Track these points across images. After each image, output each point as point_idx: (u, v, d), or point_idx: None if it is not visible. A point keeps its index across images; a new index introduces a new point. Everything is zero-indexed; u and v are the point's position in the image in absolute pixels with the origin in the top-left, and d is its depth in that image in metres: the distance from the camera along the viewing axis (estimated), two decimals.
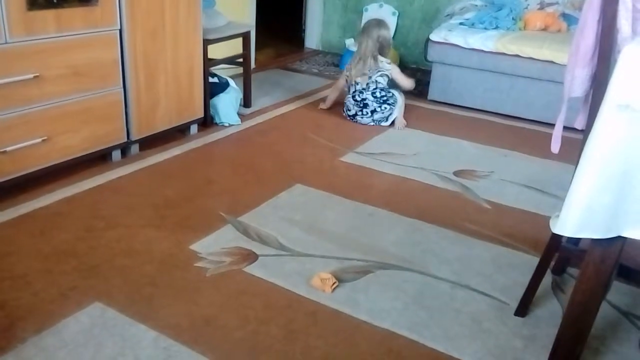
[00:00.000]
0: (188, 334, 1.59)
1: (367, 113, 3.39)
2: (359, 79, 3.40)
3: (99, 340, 1.54)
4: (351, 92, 3.44)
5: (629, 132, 1.13)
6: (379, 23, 3.49)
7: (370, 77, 3.39)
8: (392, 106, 3.38)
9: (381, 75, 3.41)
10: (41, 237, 2.02)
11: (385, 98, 3.37)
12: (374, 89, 3.38)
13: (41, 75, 2.22)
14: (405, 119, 3.46)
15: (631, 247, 1.63)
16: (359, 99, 3.39)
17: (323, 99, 3.76)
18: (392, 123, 3.40)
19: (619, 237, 1.24)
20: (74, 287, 1.76)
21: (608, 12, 1.38)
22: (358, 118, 3.42)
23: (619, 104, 1.13)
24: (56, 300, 1.69)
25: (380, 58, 3.42)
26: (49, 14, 2.19)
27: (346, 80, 3.50)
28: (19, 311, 1.64)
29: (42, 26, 2.18)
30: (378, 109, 3.37)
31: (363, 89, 3.38)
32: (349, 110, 3.45)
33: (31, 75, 2.18)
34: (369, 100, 3.37)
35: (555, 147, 1.63)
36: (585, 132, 1.49)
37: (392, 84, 3.52)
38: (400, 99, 3.43)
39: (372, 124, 3.40)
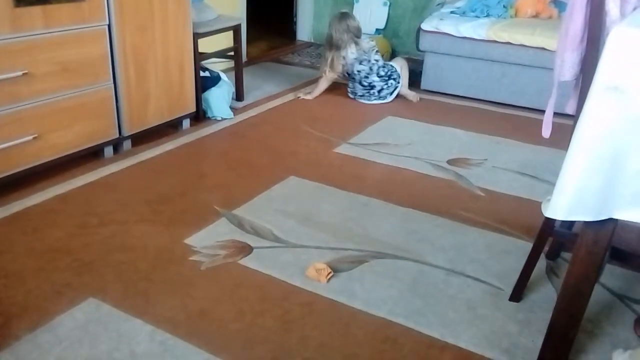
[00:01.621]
0: (184, 328, 1.59)
1: (375, 93, 3.61)
2: (360, 67, 3.56)
3: (94, 335, 1.54)
4: (357, 79, 3.60)
5: (618, 114, 1.13)
6: (342, 16, 3.63)
7: (369, 61, 3.57)
8: (396, 81, 3.63)
9: (376, 53, 3.64)
10: (34, 234, 2.01)
11: (389, 73, 3.61)
12: (377, 68, 3.58)
13: (30, 72, 2.20)
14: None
15: (624, 229, 1.64)
16: (366, 83, 3.59)
17: (304, 90, 3.79)
18: (397, 96, 3.67)
19: (611, 219, 1.24)
20: (68, 284, 1.75)
21: None
22: (364, 99, 3.63)
23: (608, 86, 1.13)
24: (50, 297, 1.69)
25: (361, 41, 3.62)
26: (36, 10, 2.17)
27: (346, 74, 3.63)
28: (13, 309, 1.63)
29: (29, 23, 2.16)
30: (385, 87, 3.60)
31: (368, 74, 3.57)
32: (356, 93, 3.66)
33: (20, 73, 2.17)
34: (375, 82, 3.58)
35: (546, 132, 1.63)
36: (576, 116, 1.49)
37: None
38: (399, 68, 3.66)
39: (378, 101, 3.62)
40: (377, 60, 3.59)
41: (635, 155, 1.14)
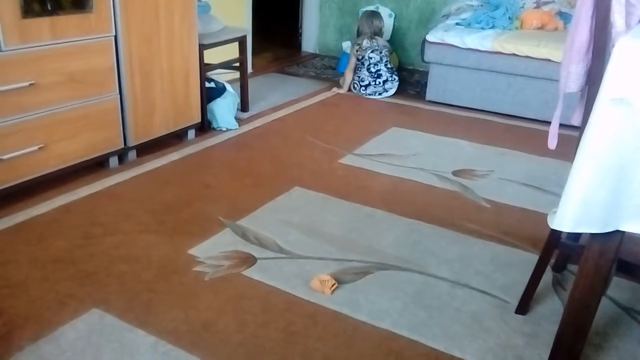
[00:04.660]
0: (187, 339, 1.58)
1: (380, 83, 3.98)
2: (372, 54, 3.96)
3: (97, 346, 1.54)
4: (365, 65, 3.97)
5: (624, 126, 1.12)
6: (372, 13, 4.22)
7: (380, 52, 3.98)
8: (396, 78, 4.05)
9: (388, 51, 4.07)
10: (38, 244, 2.01)
11: (393, 69, 4.04)
12: (386, 61, 4.00)
13: (37, 83, 2.22)
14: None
15: (631, 242, 1.62)
16: (373, 70, 3.97)
17: (337, 85, 4.19)
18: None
19: (617, 231, 1.23)
20: (72, 294, 1.75)
21: (601, 7, 1.38)
22: (370, 88, 3.98)
23: (614, 97, 1.12)
24: (53, 307, 1.69)
25: (377, 38, 4.04)
26: (43, 22, 2.19)
27: (357, 58, 3.99)
28: (16, 319, 1.63)
29: (37, 34, 2.18)
30: (390, 78, 3.99)
31: (377, 61, 3.96)
32: (362, 81, 3.99)
33: (27, 83, 2.18)
34: (382, 70, 3.98)
35: (551, 143, 1.63)
36: (582, 127, 1.48)
37: None
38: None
39: (382, 92, 3.99)
40: (386, 55, 4.02)
41: None
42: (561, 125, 1.61)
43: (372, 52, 3.95)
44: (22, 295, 1.74)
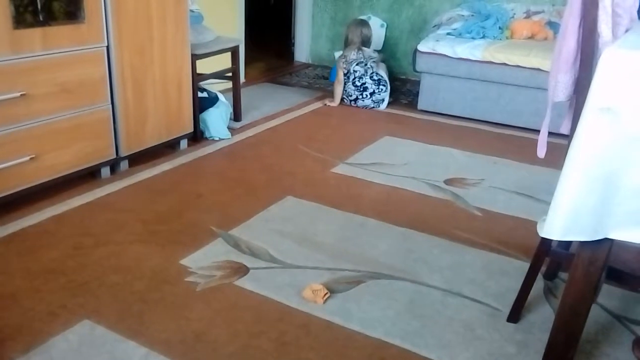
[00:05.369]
0: (178, 350, 1.58)
1: (367, 95, 3.94)
2: (357, 67, 3.93)
3: (87, 358, 1.53)
4: (351, 79, 3.95)
5: (611, 135, 1.14)
6: (361, 22, 4.18)
7: (365, 64, 3.94)
8: (385, 87, 3.96)
9: (374, 62, 4.01)
10: (30, 255, 2.00)
11: (380, 80, 3.96)
12: (371, 73, 3.93)
13: (28, 94, 2.21)
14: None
15: (621, 249, 1.63)
16: (359, 84, 3.94)
17: (327, 97, 4.14)
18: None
19: (607, 239, 1.24)
20: (63, 305, 1.74)
21: (588, 17, 1.40)
22: (359, 102, 3.97)
23: (601, 107, 1.13)
24: (44, 318, 1.68)
25: (365, 49, 4.02)
26: (35, 32, 2.19)
27: (343, 72, 3.96)
28: (7, 330, 1.62)
29: (28, 44, 2.18)
30: (376, 90, 3.94)
31: (362, 74, 3.92)
32: (350, 96, 3.98)
33: (18, 94, 2.18)
34: (367, 83, 3.93)
35: (541, 152, 1.64)
36: (570, 136, 1.50)
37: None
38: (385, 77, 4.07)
39: (373, 106, 3.96)
40: (372, 67, 3.96)
41: (628, 175, 1.15)
42: (551, 134, 1.62)
43: (357, 64, 3.92)
44: (13, 306, 1.73)
